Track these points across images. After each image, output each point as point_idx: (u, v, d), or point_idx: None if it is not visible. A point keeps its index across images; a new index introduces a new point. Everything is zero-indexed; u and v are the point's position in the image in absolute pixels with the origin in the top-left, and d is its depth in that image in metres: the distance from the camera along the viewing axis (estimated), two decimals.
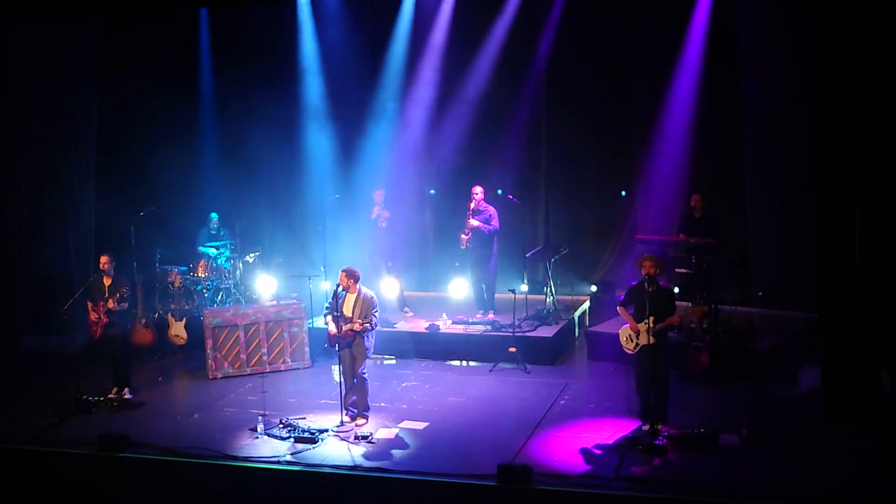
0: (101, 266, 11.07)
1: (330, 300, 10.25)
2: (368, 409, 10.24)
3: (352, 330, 9.91)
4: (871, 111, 9.37)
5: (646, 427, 9.51)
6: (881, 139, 9.38)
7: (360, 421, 10.12)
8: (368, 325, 9.92)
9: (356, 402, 10.18)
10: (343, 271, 10.04)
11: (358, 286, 10.03)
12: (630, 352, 9.77)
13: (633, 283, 9.85)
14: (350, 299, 10.01)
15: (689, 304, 11.50)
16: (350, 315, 9.95)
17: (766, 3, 12.03)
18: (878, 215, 9.44)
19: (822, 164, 9.72)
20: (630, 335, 9.72)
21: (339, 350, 10.10)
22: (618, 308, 9.94)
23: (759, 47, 12.27)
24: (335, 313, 10.01)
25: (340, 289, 10.03)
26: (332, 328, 10.05)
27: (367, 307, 9.96)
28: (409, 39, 14.66)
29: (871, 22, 9.29)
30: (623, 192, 14.34)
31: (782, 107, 12.14)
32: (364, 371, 10.12)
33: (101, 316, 10.99)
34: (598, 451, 9.11)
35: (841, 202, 9.57)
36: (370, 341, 10.15)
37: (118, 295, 10.92)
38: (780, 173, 12.47)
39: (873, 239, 9.47)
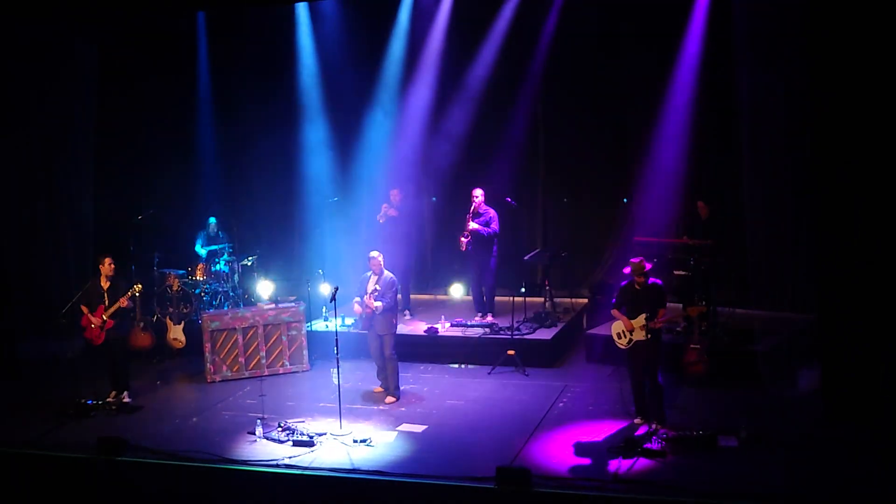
0: (104, 269, 11.02)
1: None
2: (398, 388, 10.97)
3: (367, 306, 10.68)
4: (871, 111, 9.36)
5: (638, 420, 9.74)
6: (880, 139, 9.37)
7: (390, 399, 10.81)
8: (381, 301, 10.64)
9: (386, 381, 11.00)
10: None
11: (381, 269, 10.86)
12: (623, 347, 9.89)
13: (623, 283, 10.01)
14: (373, 280, 10.85)
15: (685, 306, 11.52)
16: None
17: (764, 4, 12.05)
18: (878, 216, 9.43)
19: (821, 165, 9.72)
20: (622, 331, 9.83)
21: (367, 331, 10.97)
22: (612, 311, 10.03)
23: (757, 48, 12.29)
24: (360, 296, 10.89)
25: (369, 273, 10.89)
26: (357, 308, 10.87)
27: (384, 286, 10.73)
28: (407, 42, 14.64)
29: (871, 22, 9.28)
30: (626, 200, 14.29)
31: (781, 107, 12.17)
32: (393, 351, 10.90)
33: (107, 319, 10.96)
34: (596, 453, 9.10)
35: (840, 203, 9.56)
36: (393, 321, 10.95)
37: (129, 293, 10.96)
38: (778, 174, 12.50)
39: (872, 239, 9.46)
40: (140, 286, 11.09)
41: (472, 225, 12.73)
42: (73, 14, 12.93)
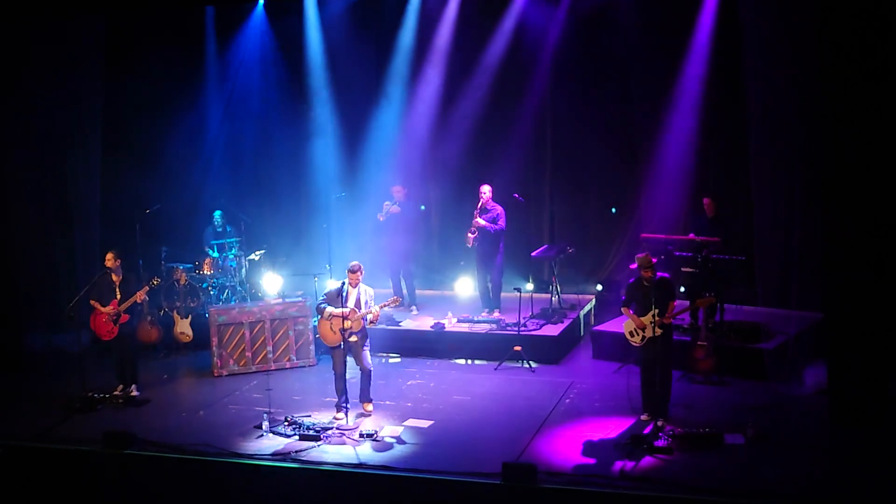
0: (106, 263, 11.06)
1: (322, 297, 10.46)
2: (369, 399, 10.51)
3: (365, 316, 10.06)
4: (879, 111, 9.33)
5: (645, 416, 9.74)
6: (888, 139, 9.34)
7: (369, 407, 10.35)
8: (371, 314, 10.09)
9: (360, 392, 10.42)
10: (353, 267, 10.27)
11: (359, 282, 10.24)
12: (636, 345, 9.86)
13: (631, 280, 9.99)
14: (354, 293, 10.21)
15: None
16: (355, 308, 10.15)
17: (772, 4, 12.00)
18: (884, 216, 9.40)
19: (829, 164, 9.69)
20: (634, 330, 9.81)
21: (342, 345, 10.20)
22: (622, 309, 10.02)
23: (765, 48, 12.23)
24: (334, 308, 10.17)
25: (346, 285, 10.21)
26: (336, 323, 10.13)
27: (369, 300, 10.21)
28: (415, 38, 14.65)
29: (880, 22, 9.24)
30: (613, 210, 14.34)
31: (789, 105, 12.10)
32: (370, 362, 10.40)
33: (122, 313, 10.99)
34: (603, 450, 9.10)
35: (847, 202, 9.53)
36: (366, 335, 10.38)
37: (146, 287, 11.07)
38: (786, 172, 12.44)
39: (879, 239, 9.43)
40: (158, 280, 11.26)
41: (480, 221, 12.72)
42: (80, 7, 12.91)
